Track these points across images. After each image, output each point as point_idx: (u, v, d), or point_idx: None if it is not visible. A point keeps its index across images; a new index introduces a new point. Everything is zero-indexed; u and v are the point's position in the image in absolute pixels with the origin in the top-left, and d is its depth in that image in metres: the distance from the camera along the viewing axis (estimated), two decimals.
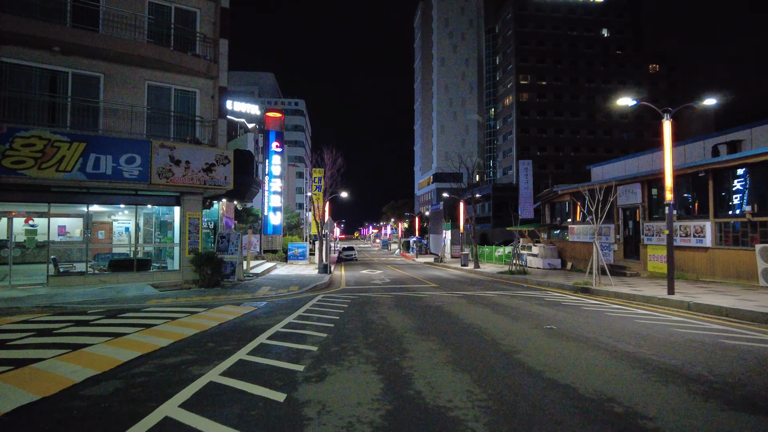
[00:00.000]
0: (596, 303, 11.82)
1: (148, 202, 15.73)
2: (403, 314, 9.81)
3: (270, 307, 11.09)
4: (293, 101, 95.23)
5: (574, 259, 24.53)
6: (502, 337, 7.31)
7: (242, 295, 13.56)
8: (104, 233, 22.42)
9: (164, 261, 17.70)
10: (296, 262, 30.82)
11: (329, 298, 13.14)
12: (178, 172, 14.80)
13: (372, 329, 7.99)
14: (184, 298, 12.73)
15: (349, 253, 45.37)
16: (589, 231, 22.99)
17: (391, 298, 13.09)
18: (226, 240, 17.09)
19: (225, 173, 15.80)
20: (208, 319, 9.27)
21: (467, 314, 9.79)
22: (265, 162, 31.51)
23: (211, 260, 15.53)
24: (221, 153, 15.76)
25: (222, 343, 6.97)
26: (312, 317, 9.40)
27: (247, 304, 11.69)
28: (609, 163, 24.37)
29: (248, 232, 20.13)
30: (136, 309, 10.65)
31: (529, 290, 15.43)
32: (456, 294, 14.16)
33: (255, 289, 15.02)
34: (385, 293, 14.53)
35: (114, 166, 13.65)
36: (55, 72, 13.96)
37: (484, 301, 12.09)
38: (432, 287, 16.68)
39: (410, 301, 12.18)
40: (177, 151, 14.78)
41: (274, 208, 31.83)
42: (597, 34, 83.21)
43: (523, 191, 25.15)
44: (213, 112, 16.57)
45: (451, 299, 12.65)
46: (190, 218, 15.97)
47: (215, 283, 15.65)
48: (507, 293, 14.36)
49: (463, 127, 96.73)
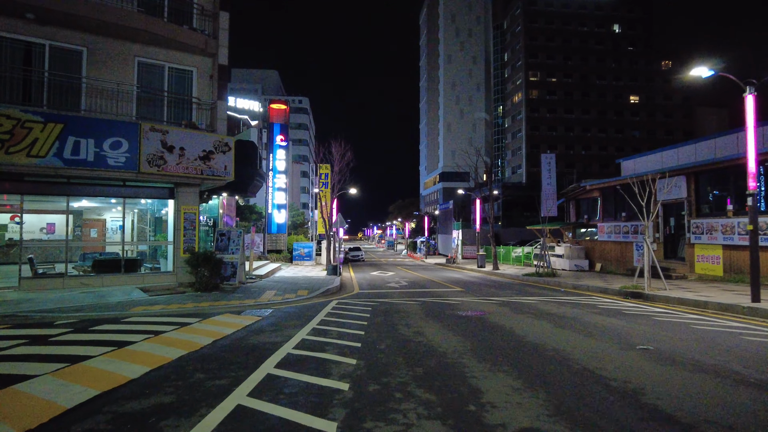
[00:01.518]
0: (664, 311, 9.91)
1: (138, 194, 13.89)
2: (442, 328, 7.93)
3: (277, 317, 9.22)
4: (297, 99, 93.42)
5: (603, 260, 22.59)
6: (596, 364, 5.41)
7: (244, 300, 11.70)
8: (97, 231, 20.72)
9: (158, 261, 15.89)
10: (302, 263, 28.97)
11: (345, 305, 11.27)
12: (172, 160, 12.96)
13: (414, 352, 6.11)
14: (176, 304, 10.88)
15: (356, 254, 43.57)
16: (622, 229, 21.08)
17: (417, 305, 11.20)
18: (226, 238, 15.25)
19: (225, 162, 13.96)
20: (200, 333, 7.40)
21: (523, 328, 7.90)
22: (269, 157, 29.68)
23: (209, 260, 13.68)
24: (221, 139, 13.92)
25: (215, 372, 5.10)
26: (330, 332, 7.52)
27: (249, 313, 9.82)
28: (642, 156, 22.46)
29: (251, 231, 18.26)
30: (115, 319, 8.80)
31: (569, 295, 13.52)
32: (491, 300, 12.26)
33: (258, 294, 13.17)
34: (408, 299, 12.64)
35: (96, 151, 11.81)
36: (30, 44, 12.14)
37: (530, 310, 10.19)
38: (458, 291, 14.79)
39: (442, 310, 10.29)
40: (170, 135, 12.94)
41: (279, 205, 29.98)
42: (608, 30, 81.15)
43: (545, 187, 23.28)
44: (212, 93, 14.74)
45: (489, 307, 10.75)
46: (185, 213, 14.14)
47: (213, 287, 13.81)
48: (548, 299, 12.45)
49: (470, 126, 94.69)
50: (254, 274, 18.09)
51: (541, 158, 25.48)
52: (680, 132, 77.61)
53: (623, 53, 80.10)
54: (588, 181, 24.01)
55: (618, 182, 21.61)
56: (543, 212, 24.91)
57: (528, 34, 78.74)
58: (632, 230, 20.34)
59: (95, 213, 20.02)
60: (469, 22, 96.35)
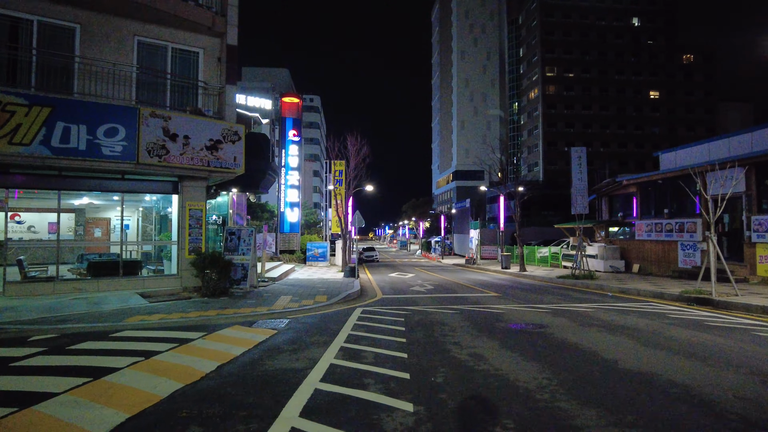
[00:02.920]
0: (756, 324, 8.23)
1: (138, 188, 12.49)
2: (503, 348, 6.37)
3: (295, 330, 7.73)
4: (308, 97, 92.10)
5: (642, 261, 20.82)
6: (758, 414, 3.83)
7: (256, 308, 10.23)
8: (101, 231, 19.48)
9: (162, 263, 14.53)
10: (316, 263, 27.53)
11: (371, 313, 9.74)
12: (175, 150, 11.56)
13: (485, 388, 4.57)
14: (178, 313, 9.45)
15: (371, 254, 42.07)
16: (664, 227, 19.30)
17: (455, 315, 9.64)
18: (237, 237, 13.81)
19: (234, 153, 12.53)
20: (202, 354, 5.94)
21: (604, 348, 6.31)
22: (281, 154, 28.28)
23: (217, 262, 12.25)
24: (229, 127, 12.49)
25: (216, 426, 3.61)
26: (364, 354, 6.00)
27: (262, 324, 8.35)
28: (685, 148, 20.66)
29: (263, 230, 16.84)
30: (103, 333, 7.37)
31: (622, 301, 11.85)
32: (538, 308, 10.66)
33: (272, 300, 11.70)
34: (441, 306, 11.09)
35: (89, 139, 10.43)
36: (17, 20, 10.80)
37: (592, 321, 8.58)
38: (493, 297, 13.20)
39: (488, 321, 8.72)
40: (173, 122, 11.54)
41: (292, 203, 28.56)
42: (627, 24, 78.70)
43: (576, 183, 21.59)
44: (220, 77, 13.33)
45: (541, 317, 9.16)
46: (190, 209, 12.73)
47: (222, 291, 12.38)
48: (602, 306, 10.81)
49: (485, 123, 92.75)
50: (267, 276, 16.66)
51: (571, 152, 23.69)
52: (702, 128, 74.94)
53: (643, 47, 77.62)
54: (624, 176, 22.26)
55: (660, 176, 19.86)
56: (574, 210, 23.12)
57: (544, 28, 76.61)
58: (677, 228, 18.57)
59: (100, 211, 18.79)
60: (482, 18, 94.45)
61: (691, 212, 18.38)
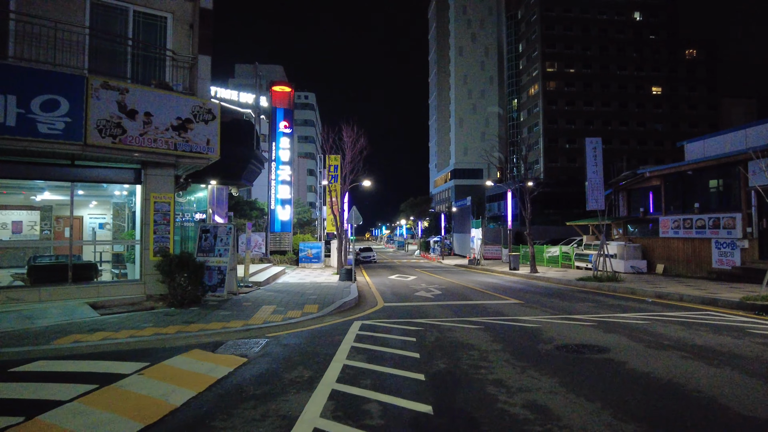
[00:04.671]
0: None
1: (92, 177, 10.44)
2: (569, 392, 4.38)
3: (272, 359, 5.74)
4: (303, 94, 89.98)
5: (668, 261, 18.92)
6: None
7: (229, 323, 8.21)
8: (70, 230, 17.47)
9: (126, 267, 12.50)
10: (309, 265, 25.49)
11: (373, 330, 7.74)
12: (134, 129, 9.53)
13: None
14: (128, 330, 7.43)
15: (368, 255, 40.06)
16: (695, 223, 17.40)
17: (479, 331, 7.65)
18: (212, 236, 11.78)
19: (207, 134, 10.51)
20: (121, 408, 3.92)
21: (719, 387, 4.34)
22: (272, 146, 26.24)
23: (186, 265, 10.22)
24: (201, 104, 10.48)
25: None
26: (367, 405, 4.01)
27: (230, 348, 6.35)
28: (716, 136, 18.76)
29: (247, 227, 14.80)
30: (2, 366, 5.34)
31: (669, 309, 9.90)
32: (577, 320, 8.68)
33: (252, 311, 9.67)
34: (458, 319, 9.11)
35: (20, 113, 8.38)
36: None
37: (663, 340, 6.61)
38: (516, 305, 11.22)
39: (526, 342, 6.74)
40: (131, 96, 9.51)
41: (283, 200, 26.49)
42: (629, 18, 77.03)
43: (591, 176, 19.72)
44: (191, 46, 11.30)
45: (590, 333, 7.19)
46: (156, 202, 10.70)
47: (193, 300, 10.36)
48: (655, 316, 8.85)
49: (483, 121, 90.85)
50: (251, 280, 14.63)
51: (585, 143, 21.75)
52: (705, 124, 73.27)
53: (645, 42, 75.97)
54: (646, 168, 20.35)
55: (691, 166, 17.96)
56: (589, 206, 21.19)
57: (544, 22, 74.82)
58: (710, 224, 16.67)
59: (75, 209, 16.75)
60: (480, 13, 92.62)
61: (727, 206, 16.48)
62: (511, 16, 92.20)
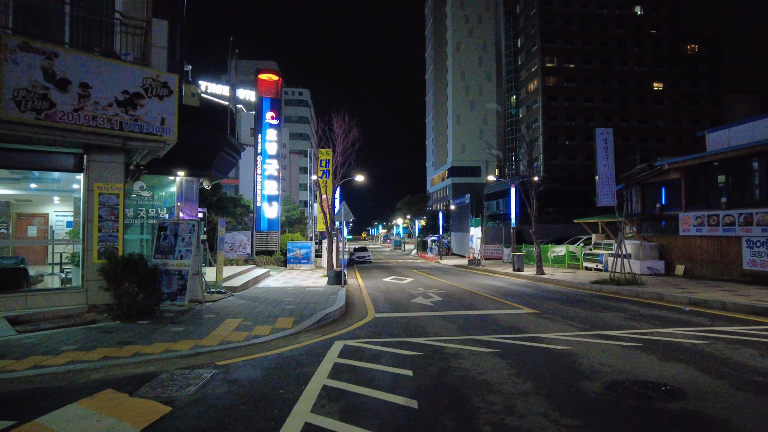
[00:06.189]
0: None
1: (17, 163, 8.62)
2: None
3: (208, 405, 3.98)
4: (297, 91, 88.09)
5: (689, 261, 17.25)
6: None
7: (176, 343, 6.43)
8: (36, 229, 15.72)
9: (70, 271, 10.68)
10: (298, 266, 23.70)
11: (357, 356, 6.00)
12: (65, 103, 7.73)
13: None
14: (39, 355, 5.68)
15: (363, 255, 38.32)
16: (722, 220, 15.72)
17: (497, 358, 5.90)
18: (172, 235, 9.98)
19: (161, 112, 8.72)
20: None
21: None
22: (257, 139, 24.41)
23: (135, 270, 8.45)
24: (155, 76, 8.68)
25: None
26: None
27: (159, 385, 4.59)
28: (743, 124, 17.06)
29: (220, 224, 13.00)
30: None
31: (717, 320, 8.19)
32: (617, 339, 6.95)
33: (212, 325, 7.88)
34: (466, 338, 7.37)
35: None
36: None
37: (755, 375, 4.88)
38: (531, 316, 9.47)
39: (562, 378, 5.00)
40: (62, 62, 7.71)
41: (270, 197, 24.65)
42: (629, 12, 75.52)
43: (601, 170, 18.09)
44: (145, 8, 9.48)
45: (647, 363, 5.48)
46: (101, 194, 8.92)
47: (145, 311, 8.61)
48: (709, 332, 7.14)
49: (481, 118, 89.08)
50: (225, 285, 12.83)
51: (596, 133, 20.04)
52: (707, 121, 71.70)
53: (646, 37, 74.47)
54: (665, 159, 18.65)
55: (717, 156, 16.27)
56: (599, 201, 19.48)
57: (544, 17, 73.18)
58: (741, 220, 14.98)
59: (34, 205, 15.03)
60: (478, 8, 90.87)
61: (761, 200, 14.81)
62: (509, 10, 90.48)
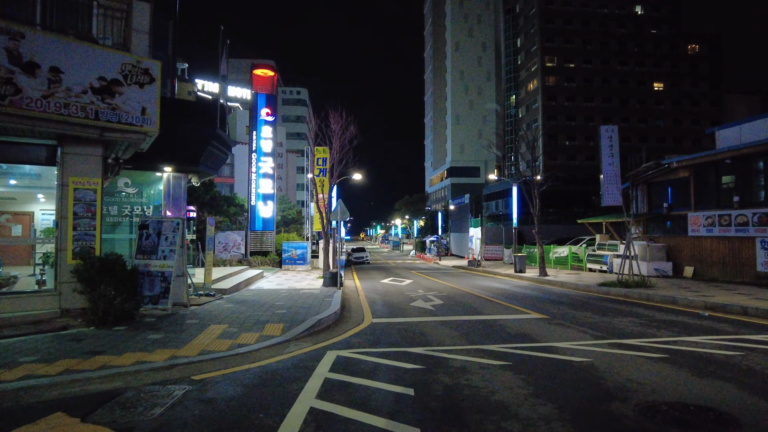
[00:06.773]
0: None
1: None
2: None
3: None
4: (295, 90, 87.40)
5: (699, 263, 16.64)
6: None
7: (151, 353, 5.76)
8: (22, 227, 15.04)
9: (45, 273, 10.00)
10: (294, 267, 23.02)
11: (351, 371, 5.34)
12: (33, 89, 7.06)
13: None
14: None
15: (360, 256, 37.63)
16: (734, 220, 15.11)
17: (509, 373, 5.25)
18: (154, 234, 9.31)
19: (142, 101, 8.04)
20: None
21: None
22: (252, 136, 23.74)
23: (111, 272, 7.79)
24: (135, 62, 8.01)
25: None
26: None
27: (120, 406, 3.92)
28: (754, 120, 16.43)
29: (209, 223, 12.33)
30: None
31: (747, 329, 7.57)
32: (639, 349, 6.31)
33: (194, 332, 7.21)
34: (472, 349, 6.72)
35: None
36: None
37: None
38: (541, 322, 8.82)
39: (589, 402, 4.37)
40: (30, 44, 7.04)
41: (265, 195, 23.98)
42: (630, 12, 75.00)
43: (606, 169, 17.53)
44: None
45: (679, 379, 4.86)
46: (77, 189, 8.25)
47: (123, 316, 7.93)
48: (742, 341, 6.51)
49: (480, 117, 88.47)
50: (215, 288, 12.16)
51: (600, 131, 19.51)
52: (708, 121, 71.32)
53: (647, 37, 74.00)
54: (673, 157, 18.05)
55: (728, 154, 15.64)
56: (605, 201, 18.92)
57: (544, 16, 72.67)
58: (755, 220, 14.37)
59: (20, 203, 14.32)
60: (477, 7, 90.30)
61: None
62: (508, 10, 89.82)
